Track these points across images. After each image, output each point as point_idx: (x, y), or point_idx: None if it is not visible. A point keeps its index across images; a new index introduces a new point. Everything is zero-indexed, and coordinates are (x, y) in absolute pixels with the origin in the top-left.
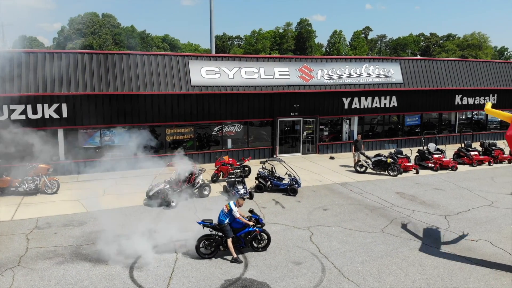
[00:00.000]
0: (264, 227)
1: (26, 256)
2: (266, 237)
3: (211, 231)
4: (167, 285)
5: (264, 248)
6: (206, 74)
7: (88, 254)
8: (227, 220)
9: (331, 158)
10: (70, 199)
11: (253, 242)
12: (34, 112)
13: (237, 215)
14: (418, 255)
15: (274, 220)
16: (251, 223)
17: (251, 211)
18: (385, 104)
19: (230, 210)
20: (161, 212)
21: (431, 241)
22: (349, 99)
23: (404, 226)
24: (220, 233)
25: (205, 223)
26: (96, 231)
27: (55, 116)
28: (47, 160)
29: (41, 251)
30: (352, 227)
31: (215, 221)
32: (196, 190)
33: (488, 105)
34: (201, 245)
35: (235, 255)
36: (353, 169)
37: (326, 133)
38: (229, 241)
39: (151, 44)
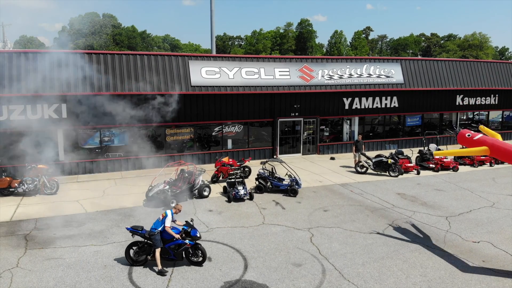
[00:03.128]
0: (198, 241)
1: (25, 257)
2: (200, 253)
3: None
4: (166, 286)
5: (199, 264)
6: (206, 74)
7: (87, 256)
8: (159, 229)
9: (332, 158)
10: (69, 200)
11: (189, 256)
12: (34, 112)
13: (168, 224)
14: (419, 256)
15: (274, 221)
16: (177, 236)
17: (186, 222)
18: (386, 104)
19: (165, 217)
20: (160, 213)
21: (432, 243)
22: (349, 99)
23: (405, 227)
24: (149, 242)
25: (134, 230)
26: (95, 232)
27: (54, 116)
28: (46, 160)
29: (40, 252)
30: (353, 228)
31: (148, 228)
32: (196, 190)
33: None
34: (130, 252)
35: (160, 267)
36: (353, 169)
37: (326, 134)
38: (158, 251)
39: (152, 44)
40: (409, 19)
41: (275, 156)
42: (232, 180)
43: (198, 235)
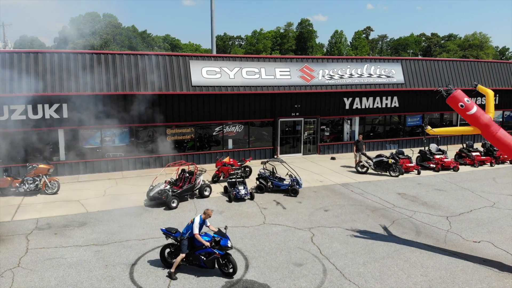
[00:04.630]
0: (230, 251)
1: (26, 257)
2: (231, 266)
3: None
4: (168, 286)
5: (229, 276)
6: (207, 74)
7: (88, 255)
8: (187, 234)
9: (332, 158)
10: (70, 200)
11: (220, 266)
12: (35, 112)
13: (195, 231)
14: (420, 256)
15: (275, 221)
16: (207, 243)
17: (219, 230)
18: (386, 104)
19: (193, 223)
20: (161, 212)
21: (433, 243)
22: (350, 99)
23: (405, 227)
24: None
25: (168, 233)
26: (97, 232)
27: (55, 116)
28: (47, 160)
29: (41, 252)
30: (354, 228)
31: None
32: (197, 190)
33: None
34: (166, 253)
35: (173, 270)
36: (354, 169)
37: (327, 134)
38: (181, 256)
39: (152, 44)
40: (410, 19)
41: (275, 156)
42: (233, 180)
43: (228, 245)
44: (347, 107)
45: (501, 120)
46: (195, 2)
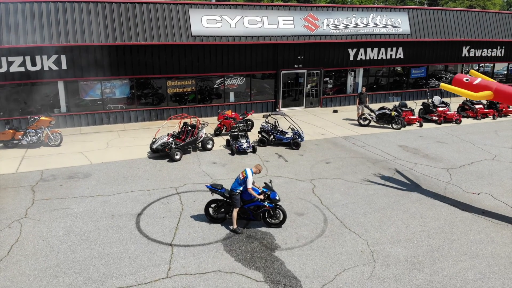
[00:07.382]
0: (279, 203)
1: (33, 208)
2: (281, 214)
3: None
4: (173, 235)
5: (278, 225)
6: (207, 23)
7: (94, 206)
8: (240, 188)
9: (335, 111)
10: (73, 152)
11: (266, 217)
12: (33, 64)
13: (249, 185)
14: (420, 207)
15: (277, 173)
16: (260, 196)
17: (266, 184)
18: (391, 55)
19: (246, 177)
20: (165, 164)
21: (433, 194)
22: (355, 50)
23: (406, 179)
24: (228, 201)
25: (214, 189)
26: (101, 183)
27: (54, 68)
28: (48, 112)
29: (47, 203)
30: (354, 180)
31: (227, 187)
32: (200, 143)
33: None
34: (209, 209)
35: (235, 226)
36: (356, 122)
37: (330, 86)
38: (235, 210)
39: None
40: None
41: (277, 109)
42: (235, 133)
43: (277, 198)
44: (351, 58)
45: (505, 72)
46: None
